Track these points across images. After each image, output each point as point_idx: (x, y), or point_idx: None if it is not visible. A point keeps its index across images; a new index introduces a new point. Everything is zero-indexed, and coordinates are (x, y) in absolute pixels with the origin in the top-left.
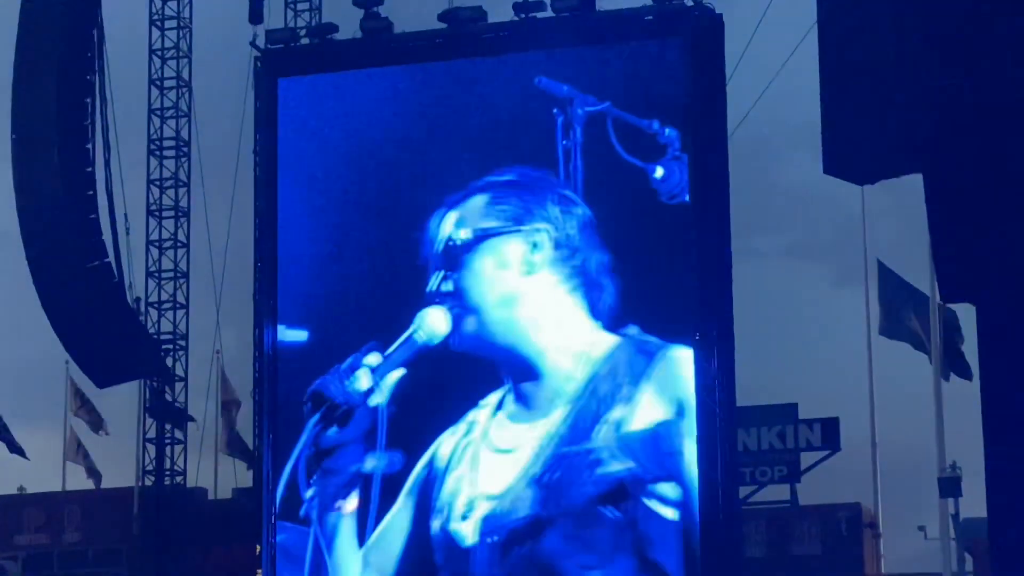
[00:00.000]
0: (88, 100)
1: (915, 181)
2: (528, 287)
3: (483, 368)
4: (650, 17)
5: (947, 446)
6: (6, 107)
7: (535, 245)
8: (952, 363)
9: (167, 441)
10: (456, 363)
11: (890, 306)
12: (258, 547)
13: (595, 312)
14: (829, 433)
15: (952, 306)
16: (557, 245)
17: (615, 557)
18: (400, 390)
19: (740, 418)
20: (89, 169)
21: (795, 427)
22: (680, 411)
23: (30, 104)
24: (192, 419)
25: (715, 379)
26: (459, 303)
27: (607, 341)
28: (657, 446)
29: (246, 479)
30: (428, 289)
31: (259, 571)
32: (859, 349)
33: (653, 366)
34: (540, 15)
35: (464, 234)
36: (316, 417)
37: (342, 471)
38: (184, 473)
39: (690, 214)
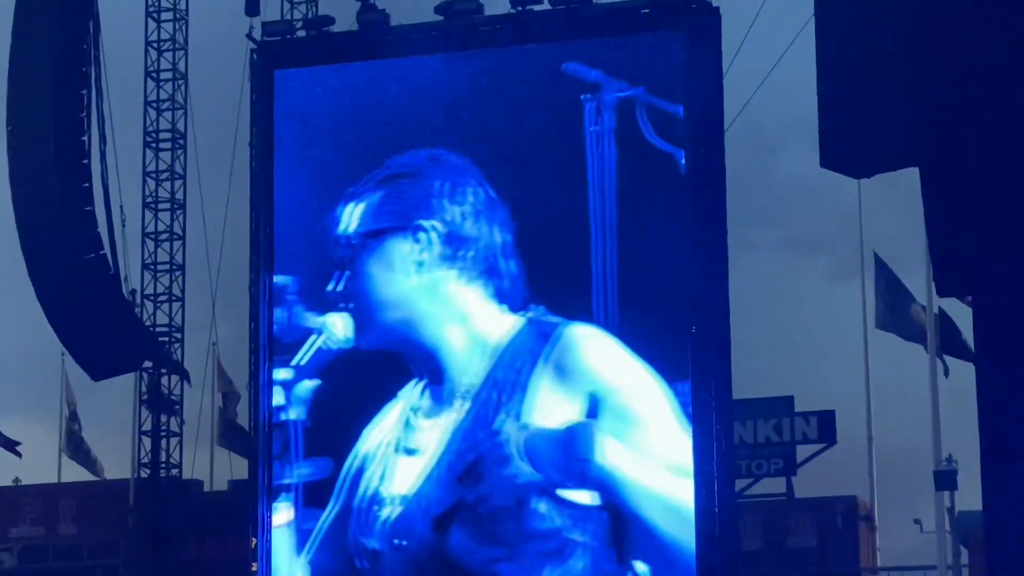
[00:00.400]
0: (84, 92)
1: (913, 174)
2: (419, 285)
3: (396, 362)
4: (647, 10)
5: (943, 440)
6: (2, 99)
7: (422, 243)
8: (955, 351)
9: (163, 434)
10: (369, 361)
11: (887, 299)
12: (253, 540)
13: (500, 296)
14: (825, 426)
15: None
16: (446, 239)
17: (522, 547)
18: (317, 398)
19: (736, 411)
20: (85, 161)
21: (791, 420)
22: (593, 408)
23: (26, 96)
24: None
25: (712, 374)
26: (356, 305)
27: (508, 325)
28: (566, 452)
29: (242, 471)
30: (328, 289)
31: (254, 565)
32: (855, 342)
33: (551, 348)
34: (537, 8)
35: (355, 234)
36: None
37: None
38: (180, 466)
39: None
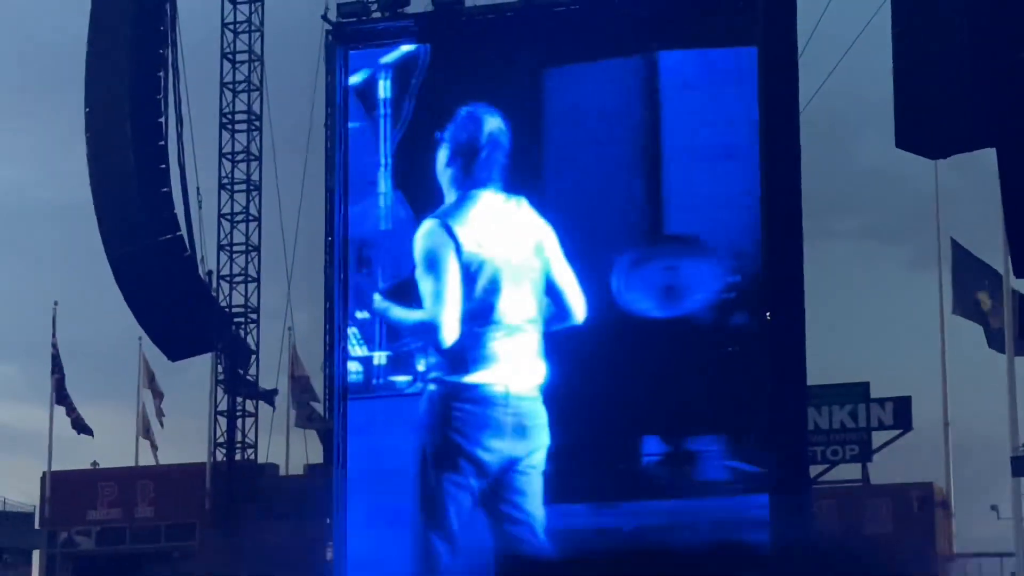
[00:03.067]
0: (161, 74)
1: (992, 159)
2: None
3: None
4: None
5: (1020, 425)
6: (80, 81)
7: None
8: None
9: (238, 414)
10: None
11: (963, 284)
12: (328, 520)
13: None
14: (901, 412)
15: None
16: None
17: None
18: None
19: (811, 396)
20: (161, 143)
21: (867, 406)
22: None
23: (103, 77)
24: (276, 393)
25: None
26: None
27: None
28: None
29: (318, 455)
30: None
31: (329, 545)
32: (932, 329)
33: None
34: None
35: None
36: None
37: None
38: (255, 446)
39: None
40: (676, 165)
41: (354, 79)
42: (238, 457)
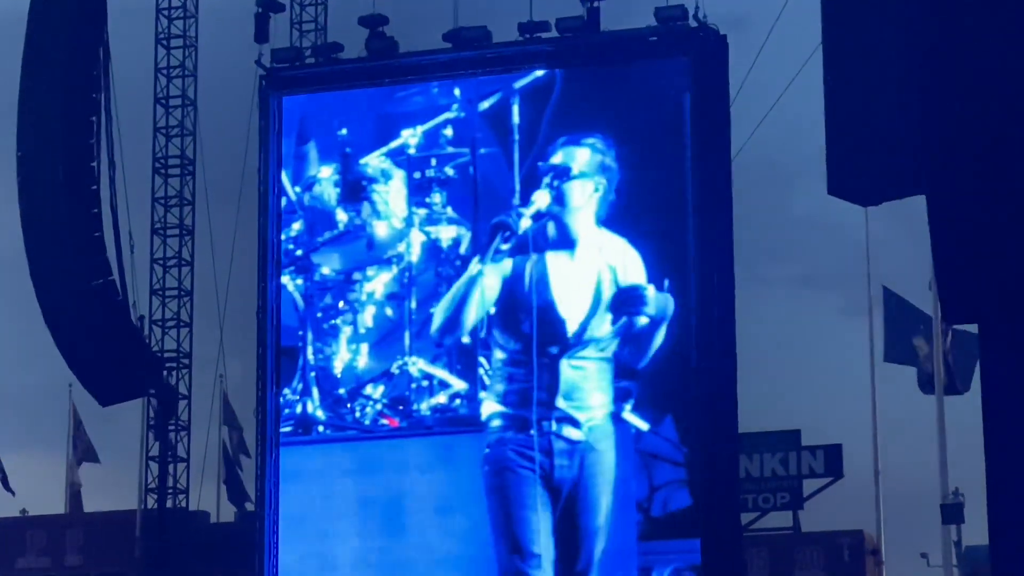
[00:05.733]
0: (93, 118)
1: (923, 208)
2: None
3: None
4: (654, 38)
5: (950, 472)
6: (12, 125)
7: None
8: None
9: (169, 459)
10: None
11: (896, 330)
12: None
13: None
14: (832, 460)
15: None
16: None
17: None
18: None
19: (743, 444)
20: (94, 187)
21: (798, 454)
22: None
23: (35, 122)
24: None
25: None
26: None
27: None
28: None
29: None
30: None
31: None
32: (863, 376)
33: None
34: (545, 35)
35: None
36: None
37: None
38: (187, 491)
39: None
40: None
41: (484, 104)
42: (169, 504)
